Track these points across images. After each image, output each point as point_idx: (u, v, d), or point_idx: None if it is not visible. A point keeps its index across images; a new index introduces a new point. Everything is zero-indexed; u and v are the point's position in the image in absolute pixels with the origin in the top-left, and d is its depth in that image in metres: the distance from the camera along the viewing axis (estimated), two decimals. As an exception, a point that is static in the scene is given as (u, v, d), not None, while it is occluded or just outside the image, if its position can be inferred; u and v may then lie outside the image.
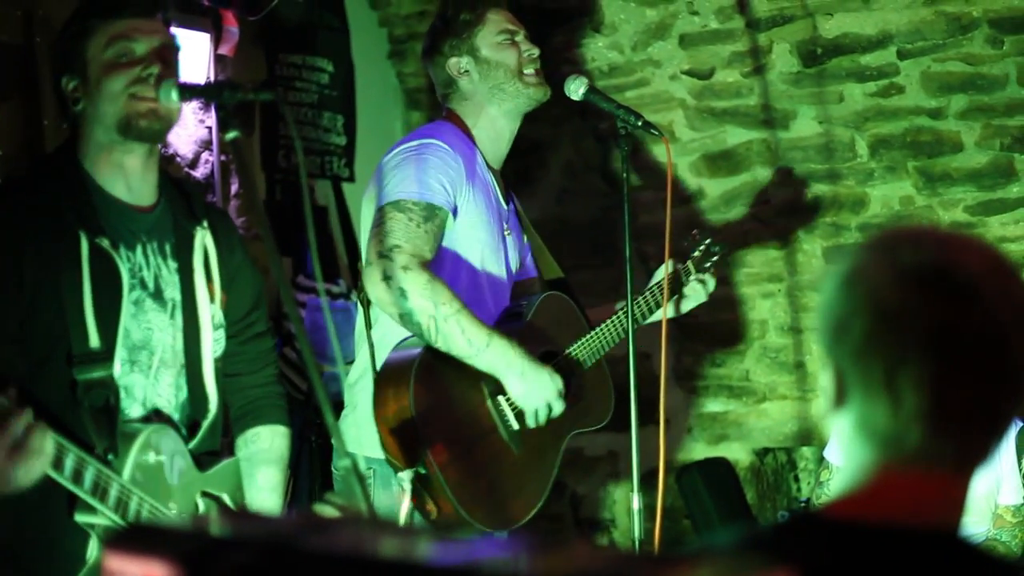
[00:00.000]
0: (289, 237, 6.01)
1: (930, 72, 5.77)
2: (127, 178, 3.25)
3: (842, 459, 1.74)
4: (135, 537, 1.43)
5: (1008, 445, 4.95)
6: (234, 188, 5.89)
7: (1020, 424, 4.96)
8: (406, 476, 3.59)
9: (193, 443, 3.30)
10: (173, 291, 3.27)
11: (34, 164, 3.36)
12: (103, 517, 3.00)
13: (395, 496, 3.71)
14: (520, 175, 6.67)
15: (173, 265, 3.29)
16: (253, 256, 3.44)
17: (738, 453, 6.62)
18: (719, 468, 6.27)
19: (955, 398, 1.66)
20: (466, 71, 4.18)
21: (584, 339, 4.16)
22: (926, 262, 1.69)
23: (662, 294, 4.35)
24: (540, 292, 4.23)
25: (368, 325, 3.93)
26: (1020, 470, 4.89)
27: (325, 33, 6.48)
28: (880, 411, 1.68)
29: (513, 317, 4.10)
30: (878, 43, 5.75)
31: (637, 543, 3.98)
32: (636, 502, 3.91)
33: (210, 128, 5.77)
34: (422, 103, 6.90)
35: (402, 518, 3.55)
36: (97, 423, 3.06)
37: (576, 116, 6.46)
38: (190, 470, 3.26)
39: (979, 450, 1.72)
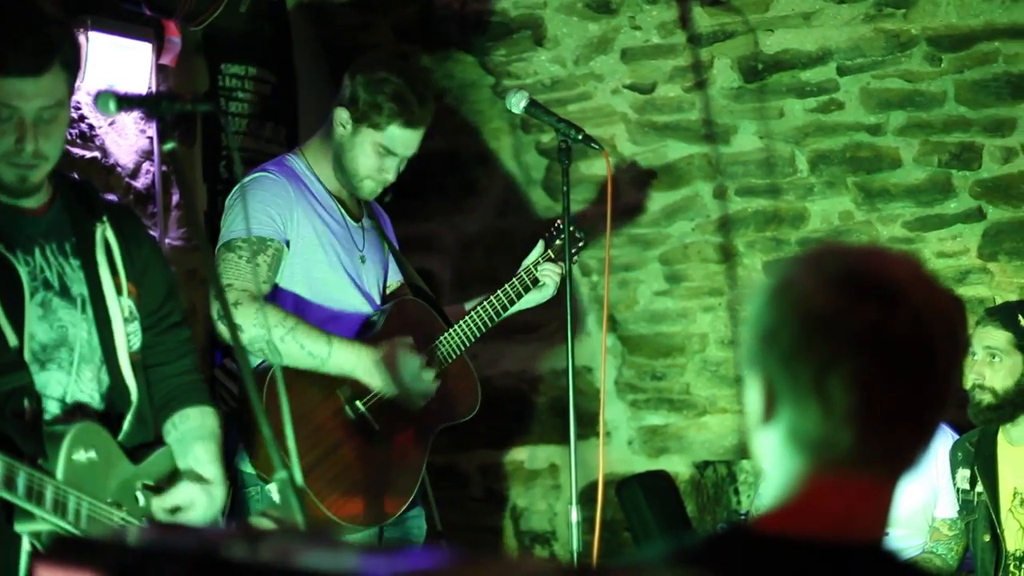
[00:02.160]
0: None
1: (869, 88, 5.82)
2: None
3: (771, 472, 1.76)
4: (66, 549, 1.43)
5: (943, 458, 5.00)
6: (175, 199, 5.87)
7: (955, 437, 5.01)
8: (273, 488, 3.67)
9: (121, 435, 3.27)
10: (80, 287, 3.24)
11: None
12: (44, 522, 2.98)
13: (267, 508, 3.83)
14: (462, 188, 6.70)
15: (76, 262, 3.26)
16: (194, 266, 3.42)
17: (678, 466, 6.64)
18: (659, 481, 6.29)
19: (885, 399, 1.69)
20: (344, 128, 4.33)
21: (441, 338, 4.38)
22: (852, 269, 1.72)
23: (524, 283, 4.60)
24: (395, 299, 4.45)
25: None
26: (954, 484, 4.94)
27: (267, 44, 6.47)
28: (811, 416, 1.69)
29: (366, 327, 4.32)
30: (818, 59, 5.79)
31: (576, 556, 4.00)
32: (575, 514, 3.93)
33: (151, 138, 5.75)
34: (365, 115, 6.88)
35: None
36: (21, 429, 3.04)
37: (518, 129, 6.47)
38: (124, 464, 3.24)
39: (907, 454, 1.74)
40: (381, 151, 4.30)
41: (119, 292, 3.30)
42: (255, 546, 1.33)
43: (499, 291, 4.52)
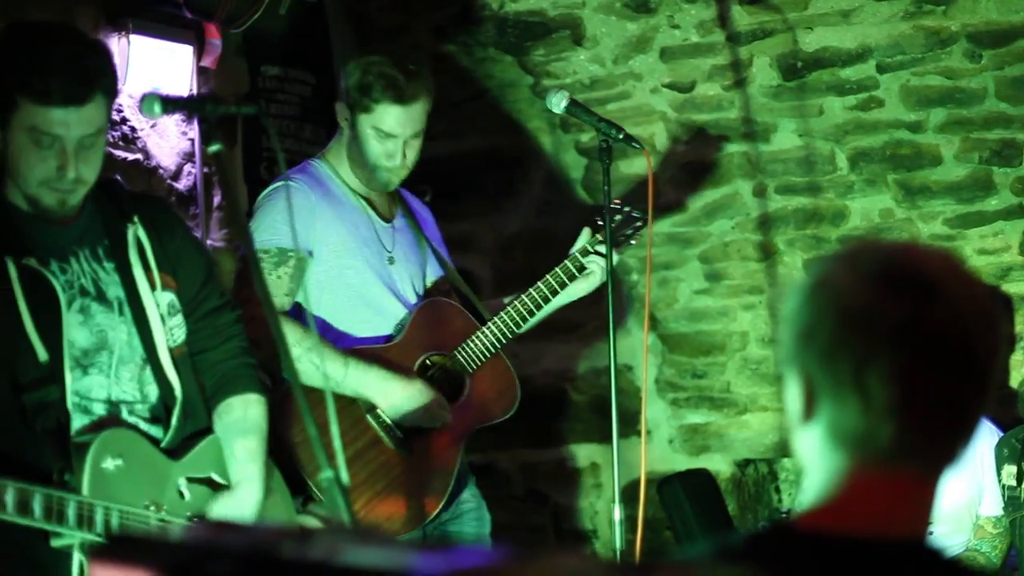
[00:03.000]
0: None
1: (909, 86, 5.80)
2: None
3: (812, 470, 1.76)
4: (119, 548, 1.45)
5: (988, 455, 4.98)
6: (216, 200, 5.90)
7: (999, 434, 4.99)
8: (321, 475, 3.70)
9: (169, 434, 3.30)
10: (116, 290, 3.28)
11: None
12: (72, 538, 3.00)
13: None
14: (501, 188, 6.70)
15: (110, 265, 3.29)
16: (233, 267, 3.45)
17: (719, 464, 6.63)
18: (700, 479, 6.28)
19: (923, 392, 1.69)
20: (347, 120, 4.32)
21: (470, 340, 4.31)
22: (889, 265, 1.72)
23: (568, 271, 4.46)
24: (423, 301, 4.36)
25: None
26: (999, 481, 4.92)
27: (307, 45, 6.49)
28: (850, 411, 1.70)
29: (394, 333, 4.28)
30: (858, 57, 5.77)
31: (618, 554, 4.00)
32: (617, 513, 3.93)
33: (192, 140, 5.78)
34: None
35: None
36: (50, 445, 3.06)
37: (558, 129, 6.48)
38: (161, 463, 3.25)
39: (948, 449, 1.74)
40: (380, 135, 4.24)
41: (154, 288, 3.32)
42: (306, 544, 1.34)
43: (539, 282, 4.42)
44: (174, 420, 3.31)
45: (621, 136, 4.19)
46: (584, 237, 4.49)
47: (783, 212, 6.29)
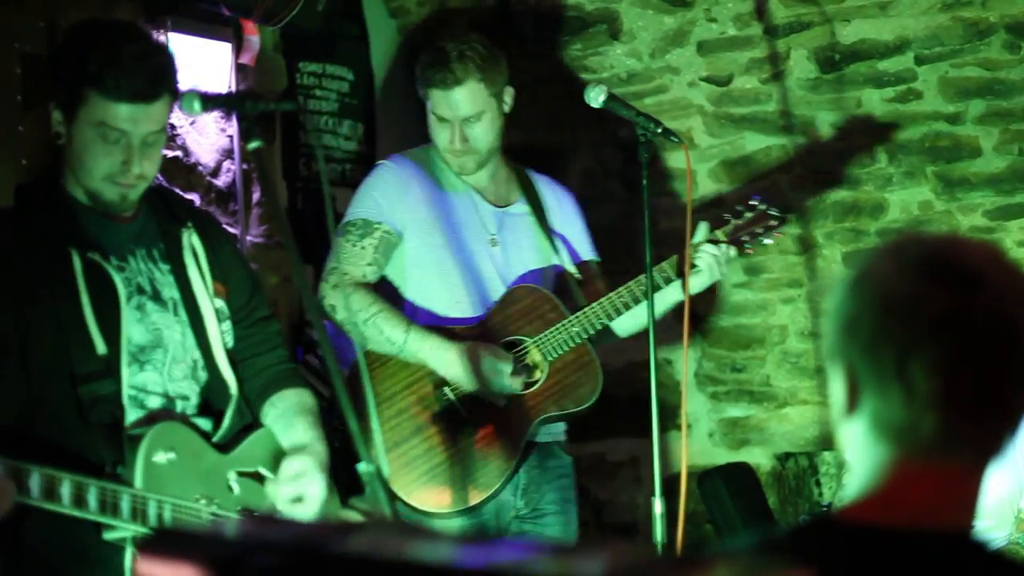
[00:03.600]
0: (311, 245, 6.04)
1: (948, 77, 5.78)
2: None
3: (856, 462, 1.76)
4: (165, 542, 1.46)
5: (1029, 448, 4.96)
6: (256, 197, 5.92)
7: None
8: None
9: (222, 430, 3.33)
10: (171, 291, 3.33)
11: (19, 191, 3.38)
12: (125, 531, 3.03)
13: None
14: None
15: (165, 267, 3.34)
16: (276, 263, 3.47)
17: (760, 458, 6.62)
18: (741, 473, 6.27)
19: (966, 383, 1.69)
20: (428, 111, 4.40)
21: (553, 328, 4.27)
22: (931, 256, 1.72)
23: (675, 267, 4.39)
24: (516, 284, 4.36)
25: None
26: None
27: (344, 41, 6.51)
28: (893, 403, 1.70)
29: (481, 314, 4.30)
30: (896, 49, 5.76)
31: (659, 548, 4.00)
32: (658, 506, 3.93)
33: (231, 137, 5.80)
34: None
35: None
36: (104, 438, 3.09)
37: (595, 123, 6.48)
38: (212, 456, 3.28)
39: (993, 440, 1.74)
40: (437, 119, 4.33)
41: (208, 292, 3.36)
42: (351, 538, 1.35)
43: (640, 277, 4.32)
44: (227, 417, 3.34)
45: (659, 130, 4.18)
46: (700, 233, 4.39)
47: (822, 205, 6.27)
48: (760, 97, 6.12)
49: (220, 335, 3.37)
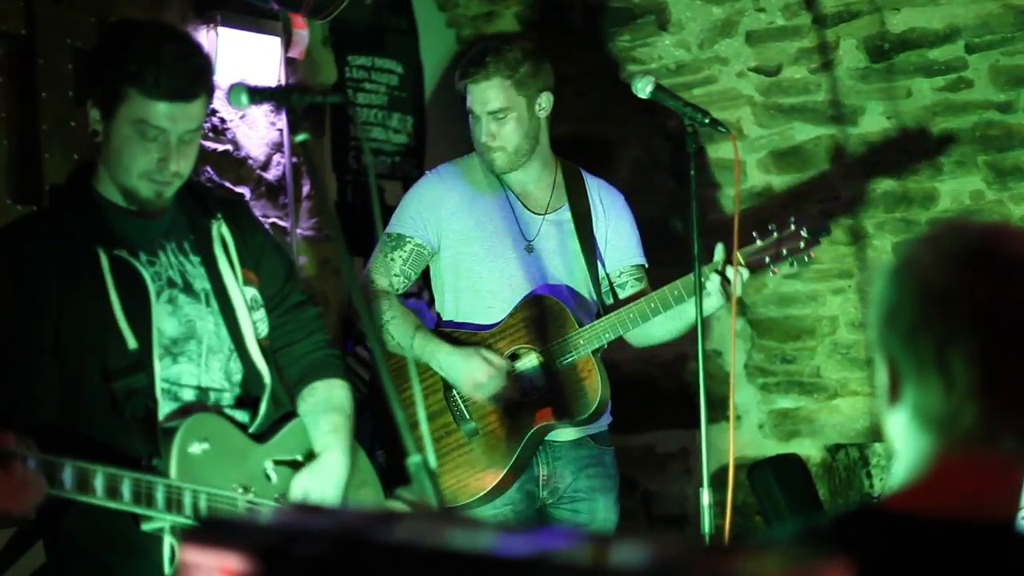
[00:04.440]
0: (360, 238, 6.06)
1: (999, 66, 5.74)
2: None
3: (900, 452, 1.75)
4: (210, 531, 1.47)
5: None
6: (305, 190, 5.95)
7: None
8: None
9: (258, 420, 3.36)
10: (202, 282, 3.36)
11: (53, 192, 3.43)
12: (162, 521, 3.05)
13: None
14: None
15: (196, 259, 3.38)
16: (325, 256, 3.50)
17: (810, 449, 6.60)
18: (791, 464, 6.25)
19: (1006, 372, 1.68)
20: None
21: (561, 339, 4.36)
22: (971, 245, 1.71)
23: (689, 288, 4.31)
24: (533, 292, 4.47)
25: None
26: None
27: (393, 35, 6.53)
28: (934, 393, 1.69)
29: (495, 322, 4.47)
30: (946, 37, 5.72)
31: (708, 539, 4.00)
32: (706, 497, 3.93)
33: (281, 131, 5.83)
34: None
35: None
36: (138, 431, 3.12)
37: (644, 114, 6.47)
38: (248, 446, 3.31)
39: None
40: (471, 115, 4.48)
41: (239, 282, 3.39)
42: (392, 527, 1.36)
43: (654, 293, 4.36)
44: (263, 407, 3.36)
45: (707, 121, 4.17)
46: (716, 254, 4.34)
47: (872, 195, 6.24)
48: (809, 87, 6.09)
49: (252, 324, 3.39)
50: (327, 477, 3.40)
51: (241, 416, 3.35)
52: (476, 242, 4.45)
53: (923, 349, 1.69)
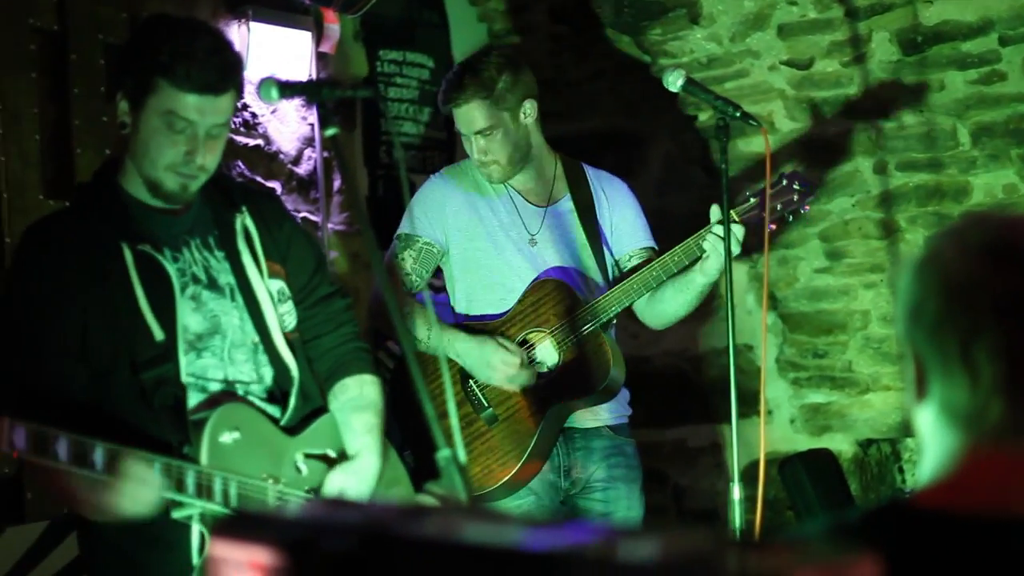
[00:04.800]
0: (391, 232, 6.07)
1: (1033, 59, 5.71)
2: None
3: (928, 448, 1.75)
4: (240, 525, 1.48)
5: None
6: (337, 184, 5.96)
7: None
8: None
9: (288, 413, 3.37)
10: (227, 277, 3.37)
11: (78, 189, 3.46)
12: (192, 508, 3.07)
13: None
14: (620, 168, 6.68)
15: (220, 254, 3.39)
16: (357, 250, 3.50)
17: (841, 444, 6.59)
18: (822, 459, 6.24)
19: None
20: None
21: (574, 316, 4.44)
22: (993, 239, 1.70)
23: (690, 252, 4.39)
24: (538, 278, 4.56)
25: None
26: None
27: (425, 29, 6.54)
28: (959, 388, 1.68)
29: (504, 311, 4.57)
30: (979, 30, 5.69)
31: (738, 534, 3.99)
32: (736, 492, 3.92)
33: (312, 125, 5.84)
34: (522, 97, 6.92)
35: None
36: (168, 420, 3.14)
37: (675, 108, 6.46)
38: (278, 438, 3.32)
39: None
40: (461, 136, 4.63)
41: (264, 275, 3.40)
42: (420, 521, 1.36)
43: (654, 262, 4.44)
44: (292, 400, 3.37)
45: (738, 114, 4.15)
46: (712, 215, 4.35)
47: (904, 189, 6.22)
48: (841, 80, 6.07)
49: (278, 318, 3.41)
50: (363, 476, 3.41)
51: (272, 410, 3.36)
52: (481, 238, 4.57)
53: (948, 344, 1.68)
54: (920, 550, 1.66)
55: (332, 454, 3.43)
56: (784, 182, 4.46)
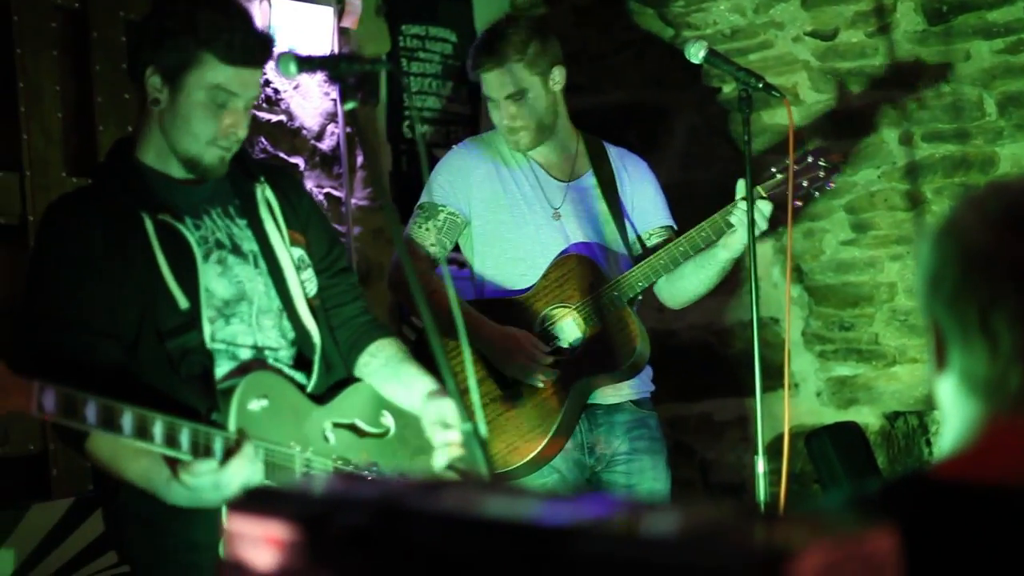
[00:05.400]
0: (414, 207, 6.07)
1: (1060, 27, 5.67)
2: None
3: (948, 419, 1.73)
4: (256, 500, 1.47)
5: None
6: (360, 159, 5.95)
7: None
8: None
9: (313, 380, 3.38)
10: (250, 244, 3.40)
11: (95, 168, 3.47)
12: None
13: None
14: (644, 141, 6.68)
15: (242, 222, 3.42)
16: (380, 226, 3.48)
17: (868, 417, 6.57)
18: (849, 432, 6.22)
19: None
20: None
21: (599, 292, 4.42)
22: (1012, 207, 1.68)
23: (717, 227, 4.38)
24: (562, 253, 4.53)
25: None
26: None
27: (447, 3, 6.52)
28: (979, 357, 1.67)
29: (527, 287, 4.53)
30: (1005, -1, 5.66)
31: (762, 507, 3.99)
32: (760, 466, 3.91)
33: (335, 101, 5.84)
34: (545, 71, 6.90)
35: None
36: (196, 388, 3.15)
37: (700, 81, 6.44)
38: (307, 406, 3.33)
39: None
40: (489, 100, 4.59)
41: (286, 243, 3.41)
42: (436, 495, 1.36)
43: (683, 237, 4.41)
44: (315, 366, 3.39)
45: (760, 85, 4.13)
46: (738, 191, 4.35)
47: (930, 160, 6.19)
48: (866, 51, 6.04)
49: (300, 284, 3.43)
50: (451, 404, 3.35)
51: (299, 377, 3.37)
52: (504, 210, 4.53)
53: (967, 313, 1.67)
54: (939, 521, 1.65)
55: (360, 424, 3.43)
56: (810, 159, 4.43)
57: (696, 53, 4.21)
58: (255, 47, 3.25)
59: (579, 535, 1.21)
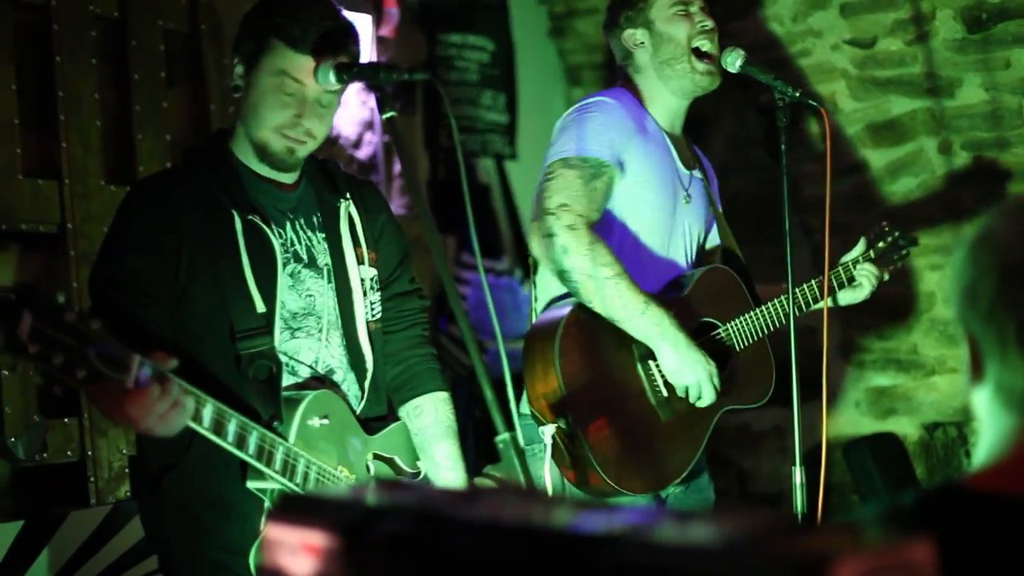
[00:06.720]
0: (453, 215, 6.07)
1: (1099, 36, 5.64)
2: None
3: (984, 431, 1.72)
4: (294, 507, 1.48)
5: None
6: (397, 168, 5.96)
7: None
8: (548, 430, 3.63)
9: (361, 405, 3.41)
10: (325, 258, 3.40)
11: (188, 152, 3.46)
12: (272, 481, 3.09)
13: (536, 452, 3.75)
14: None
15: (321, 235, 3.41)
16: (415, 235, 3.49)
17: (907, 427, 6.54)
18: (887, 443, 6.20)
19: None
20: (641, 43, 4.18)
21: (744, 317, 4.11)
22: None
23: (839, 279, 4.44)
24: (708, 264, 4.19)
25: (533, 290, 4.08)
26: None
27: (484, 12, 6.53)
28: (1015, 370, 1.66)
29: (673, 287, 4.07)
30: (1045, 7, 5.63)
31: (799, 517, 3.96)
32: (798, 476, 3.89)
33: (372, 109, 5.85)
34: (583, 80, 6.91)
35: (545, 473, 3.57)
36: (261, 393, 3.15)
37: (738, 89, 6.43)
38: (357, 433, 3.35)
39: None
40: (679, 10, 4.22)
41: (361, 263, 3.42)
42: (473, 504, 1.36)
43: (812, 281, 4.32)
44: (365, 392, 3.43)
45: (798, 94, 4.11)
46: (858, 248, 4.53)
47: (970, 169, 6.16)
48: (905, 59, 6.02)
49: (366, 307, 3.44)
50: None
51: (352, 399, 3.39)
52: (649, 188, 4.00)
53: (1004, 326, 1.66)
54: (973, 533, 1.65)
55: (399, 462, 3.46)
56: (889, 239, 4.57)
57: (733, 62, 4.20)
58: (327, 37, 3.25)
59: (618, 543, 1.21)
